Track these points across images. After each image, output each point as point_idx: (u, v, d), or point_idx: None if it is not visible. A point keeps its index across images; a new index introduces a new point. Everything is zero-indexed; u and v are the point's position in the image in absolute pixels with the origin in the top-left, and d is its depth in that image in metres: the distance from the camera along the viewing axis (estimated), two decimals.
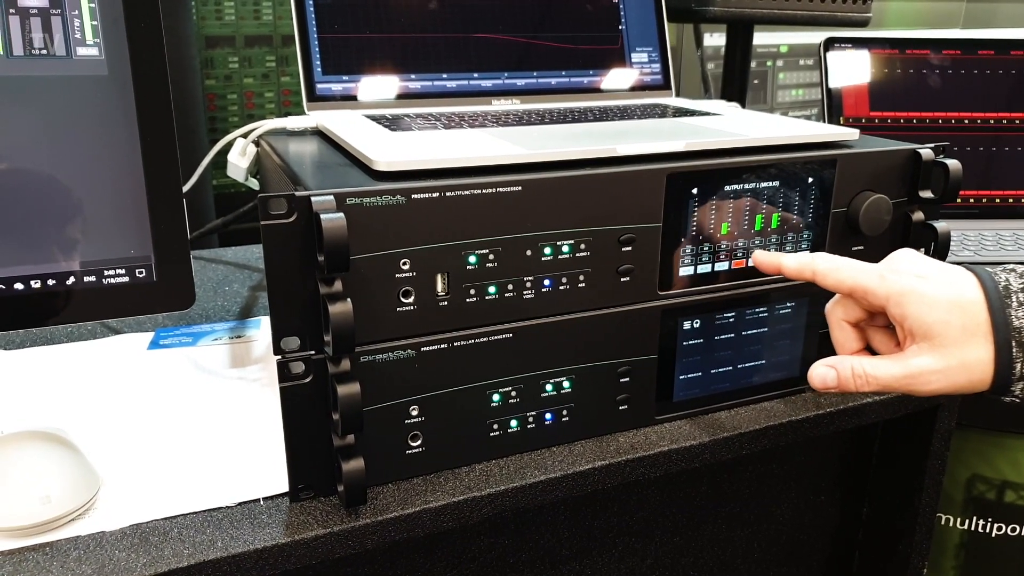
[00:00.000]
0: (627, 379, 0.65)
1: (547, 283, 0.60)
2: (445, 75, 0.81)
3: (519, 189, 0.57)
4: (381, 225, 0.53)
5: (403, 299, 0.55)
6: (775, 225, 0.67)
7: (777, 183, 0.66)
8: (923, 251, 0.65)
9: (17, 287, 0.56)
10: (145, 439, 0.64)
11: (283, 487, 0.57)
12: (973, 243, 1.07)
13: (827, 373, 0.57)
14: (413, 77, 0.80)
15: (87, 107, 0.56)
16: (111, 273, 0.59)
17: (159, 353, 0.80)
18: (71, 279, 0.57)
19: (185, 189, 0.60)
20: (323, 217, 0.49)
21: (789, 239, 0.68)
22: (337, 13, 0.77)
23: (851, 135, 0.71)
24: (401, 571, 0.65)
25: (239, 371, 0.76)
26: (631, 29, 0.89)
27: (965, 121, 1.18)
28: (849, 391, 0.57)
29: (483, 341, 0.59)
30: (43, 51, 0.54)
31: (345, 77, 0.78)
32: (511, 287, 0.59)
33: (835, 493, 0.87)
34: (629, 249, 0.62)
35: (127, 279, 0.59)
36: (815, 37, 1.53)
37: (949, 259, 0.62)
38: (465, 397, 0.60)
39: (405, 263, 0.55)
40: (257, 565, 0.53)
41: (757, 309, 0.69)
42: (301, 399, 0.54)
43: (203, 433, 0.65)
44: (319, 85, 0.77)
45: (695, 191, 0.63)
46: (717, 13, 1.04)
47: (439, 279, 0.56)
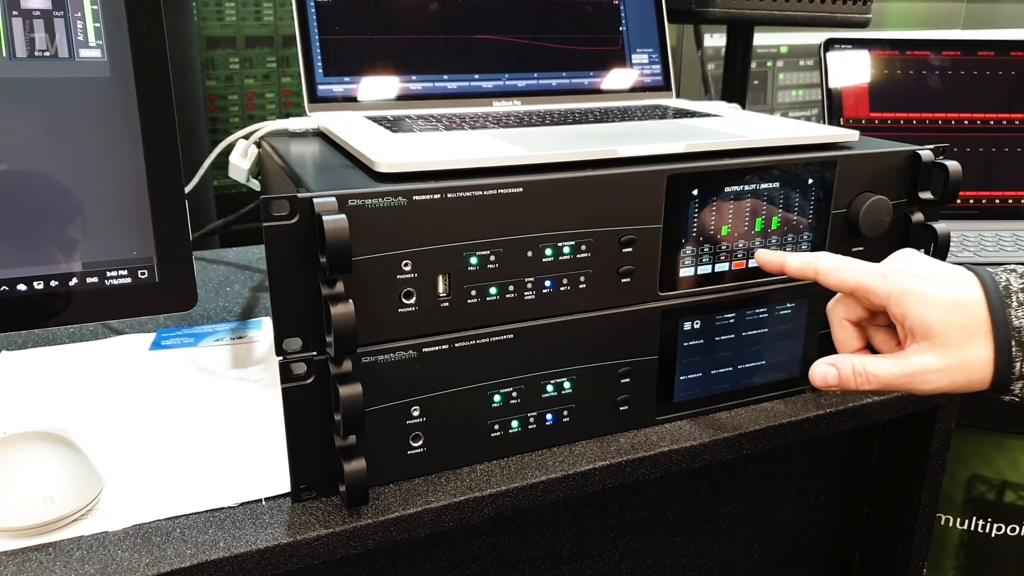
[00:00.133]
0: (628, 380, 0.66)
1: (548, 284, 0.60)
2: (446, 76, 0.81)
3: (520, 190, 0.57)
4: (383, 226, 0.53)
5: (405, 300, 0.56)
6: (775, 226, 0.67)
7: (777, 184, 0.66)
8: (923, 252, 0.65)
9: (20, 288, 0.56)
10: (147, 440, 0.64)
11: (285, 487, 0.58)
12: (973, 244, 1.07)
13: (828, 371, 0.57)
14: (414, 78, 0.80)
15: (90, 109, 0.56)
16: (113, 274, 0.59)
17: (161, 354, 0.80)
18: (73, 280, 0.58)
19: (187, 190, 0.60)
20: (325, 219, 0.49)
21: (789, 240, 0.68)
22: (338, 15, 0.78)
23: (851, 136, 0.71)
24: (402, 571, 0.66)
25: (240, 372, 0.76)
26: (631, 30, 0.89)
27: (965, 122, 1.18)
28: (849, 389, 0.57)
29: (484, 342, 0.59)
30: (46, 53, 0.55)
31: (346, 78, 0.78)
32: (512, 288, 0.59)
33: (835, 493, 0.87)
34: (630, 250, 0.62)
35: (129, 280, 0.59)
36: (815, 38, 1.53)
37: (949, 260, 0.62)
38: (466, 398, 0.60)
39: (407, 264, 0.55)
40: (259, 565, 0.53)
41: (757, 310, 0.70)
42: (303, 400, 0.54)
43: (205, 434, 0.65)
44: (320, 86, 0.77)
45: (695, 192, 0.63)
46: (717, 14, 1.04)
47: (440, 280, 0.56)
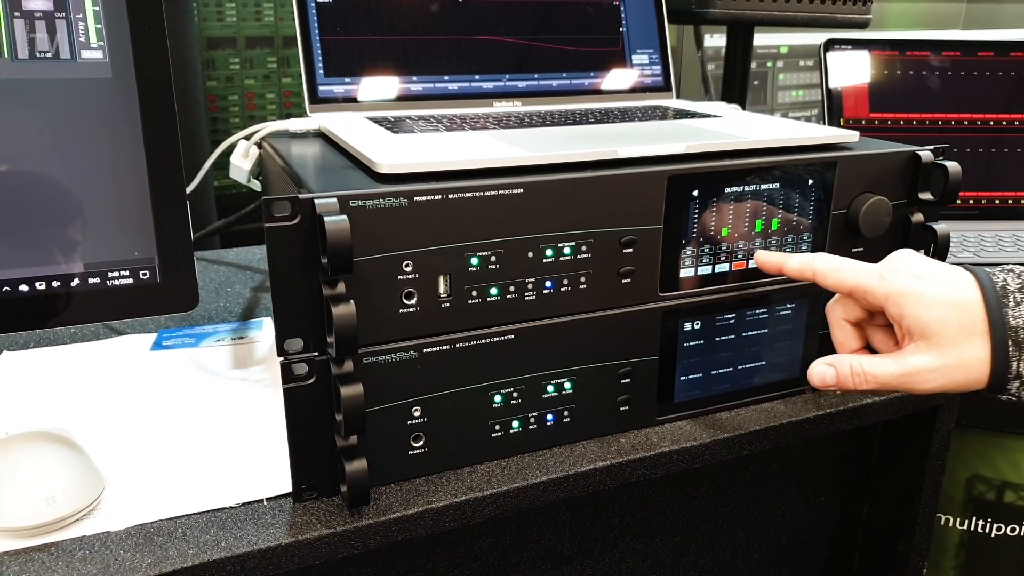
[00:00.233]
0: (628, 380, 0.66)
1: (548, 285, 0.60)
2: (447, 77, 0.81)
3: (521, 191, 0.57)
4: (384, 227, 0.53)
5: (406, 301, 0.56)
6: (775, 227, 0.68)
7: (777, 185, 0.66)
8: (922, 252, 0.65)
9: (22, 289, 0.57)
10: (149, 440, 0.64)
11: (286, 488, 0.58)
12: (972, 244, 1.07)
13: (826, 371, 0.58)
14: (415, 79, 0.80)
15: (91, 110, 0.56)
16: (115, 275, 0.59)
17: (162, 354, 0.80)
18: (75, 281, 0.58)
19: (188, 191, 0.61)
20: (326, 219, 0.49)
21: (789, 241, 0.69)
22: (339, 15, 0.78)
23: (851, 137, 0.71)
24: (403, 571, 0.66)
25: (242, 372, 0.76)
26: (632, 31, 0.89)
27: (965, 123, 1.18)
28: (848, 389, 0.57)
29: (485, 342, 0.59)
30: (48, 54, 0.55)
31: (347, 79, 0.78)
32: (513, 288, 0.59)
33: (835, 493, 0.87)
34: (630, 251, 0.62)
35: (131, 281, 0.59)
36: (815, 38, 1.53)
37: (948, 260, 0.62)
38: (467, 398, 0.60)
39: (408, 265, 0.55)
40: (261, 565, 0.53)
41: (757, 310, 0.70)
42: (304, 400, 0.54)
43: (206, 434, 0.65)
44: (321, 87, 0.77)
45: (696, 193, 0.63)
46: (717, 15, 1.04)
47: (441, 281, 0.57)
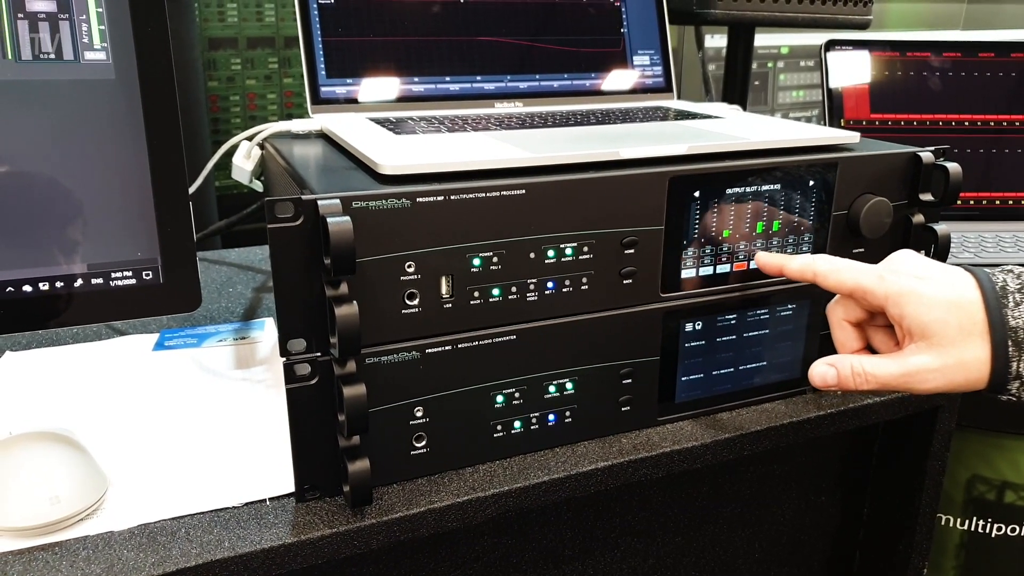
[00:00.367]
0: (629, 380, 0.66)
1: (550, 285, 0.60)
2: (448, 78, 0.82)
3: (523, 192, 0.57)
4: (386, 228, 0.54)
5: (408, 301, 0.56)
6: (776, 228, 0.68)
7: (778, 186, 0.67)
8: (923, 253, 0.65)
9: (25, 289, 0.57)
10: (152, 440, 0.65)
11: (289, 487, 0.58)
12: (973, 245, 1.08)
13: (827, 371, 0.58)
14: (416, 80, 0.80)
15: (94, 111, 0.56)
16: (118, 275, 0.59)
17: (164, 354, 0.80)
18: (78, 282, 0.58)
19: (190, 191, 0.61)
20: (329, 220, 0.49)
21: (790, 242, 0.69)
22: (341, 16, 0.78)
23: (852, 138, 0.71)
24: (405, 571, 0.66)
25: (244, 372, 0.76)
26: (633, 32, 0.89)
27: (965, 123, 1.18)
28: (848, 389, 0.57)
29: (487, 343, 0.59)
30: (51, 55, 0.55)
31: (349, 80, 0.78)
32: (515, 289, 0.59)
33: (836, 493, 0.87)
34: (632, 252, 0.62)
35: (133, 281, 0.59)
36: (816, 39, 1.53)
37: (949, 261, 0.62)
38: (469, 398, 0.60)
39: (410, 266, 0.55)
40: (264, 565, 0.53)
41: (758, 311, 0.70)
42: (307, 400, 0.55)
43: (209, 434, 0.66)
44: (323, 88, 0.77)
45: (697, 194, 0.64)
46: (718, 16, 1.04)
47: (444, 281, 0.57)
